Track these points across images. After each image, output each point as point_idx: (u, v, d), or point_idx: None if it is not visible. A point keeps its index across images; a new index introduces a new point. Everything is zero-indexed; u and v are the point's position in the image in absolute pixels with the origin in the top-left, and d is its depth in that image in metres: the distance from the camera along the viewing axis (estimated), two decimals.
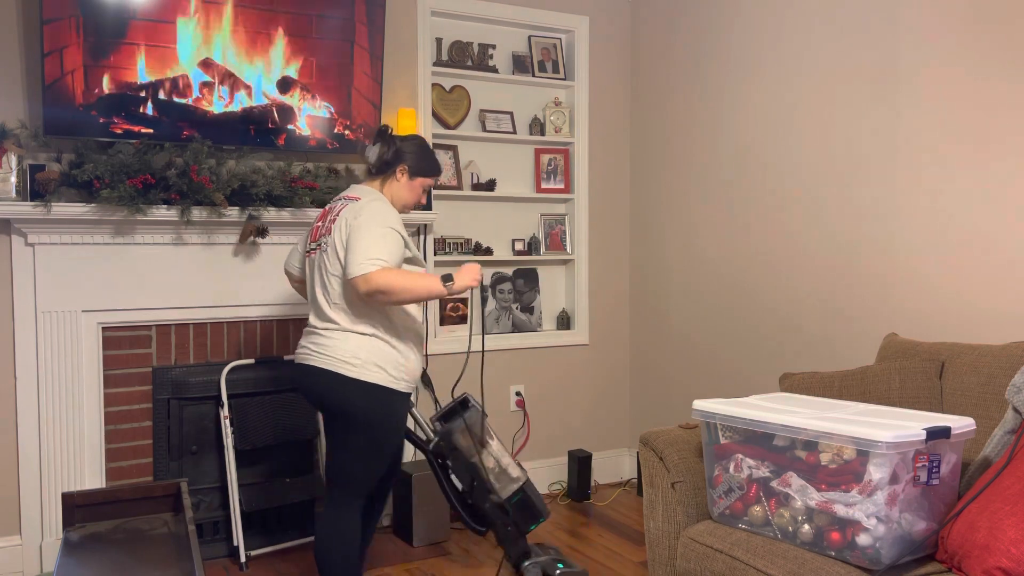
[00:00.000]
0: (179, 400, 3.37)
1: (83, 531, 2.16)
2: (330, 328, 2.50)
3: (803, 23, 3.37)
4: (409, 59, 3.86)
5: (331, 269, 2.50)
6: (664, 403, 4.22)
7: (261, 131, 3.39)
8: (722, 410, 2.24)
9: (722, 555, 2.17)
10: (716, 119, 3.82)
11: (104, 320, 3.22)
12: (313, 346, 2.52)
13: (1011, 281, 2.67)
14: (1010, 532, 1.80)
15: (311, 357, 2.52)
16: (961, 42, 2.79)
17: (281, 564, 3.32)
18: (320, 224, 2.62)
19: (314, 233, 2.64)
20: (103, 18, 3.06)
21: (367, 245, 2.38)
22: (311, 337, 2.55)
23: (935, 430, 1.93)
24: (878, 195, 3.08)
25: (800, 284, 3.41)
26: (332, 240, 2.50)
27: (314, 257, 2.59)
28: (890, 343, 2.74)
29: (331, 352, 2.48)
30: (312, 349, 2.52)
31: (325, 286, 2.52)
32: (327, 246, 2.52)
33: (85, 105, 3.06)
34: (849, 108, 3.18)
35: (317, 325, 2.54)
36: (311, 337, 2.55)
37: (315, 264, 2.58)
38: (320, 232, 2.59)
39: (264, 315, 3.50)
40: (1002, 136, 2.69)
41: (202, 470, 3.42)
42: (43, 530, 3.14)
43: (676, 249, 4.09)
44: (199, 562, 1.86)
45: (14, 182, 2.99)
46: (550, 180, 4.29)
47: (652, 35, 4.24)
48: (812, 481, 2.02)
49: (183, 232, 3.29)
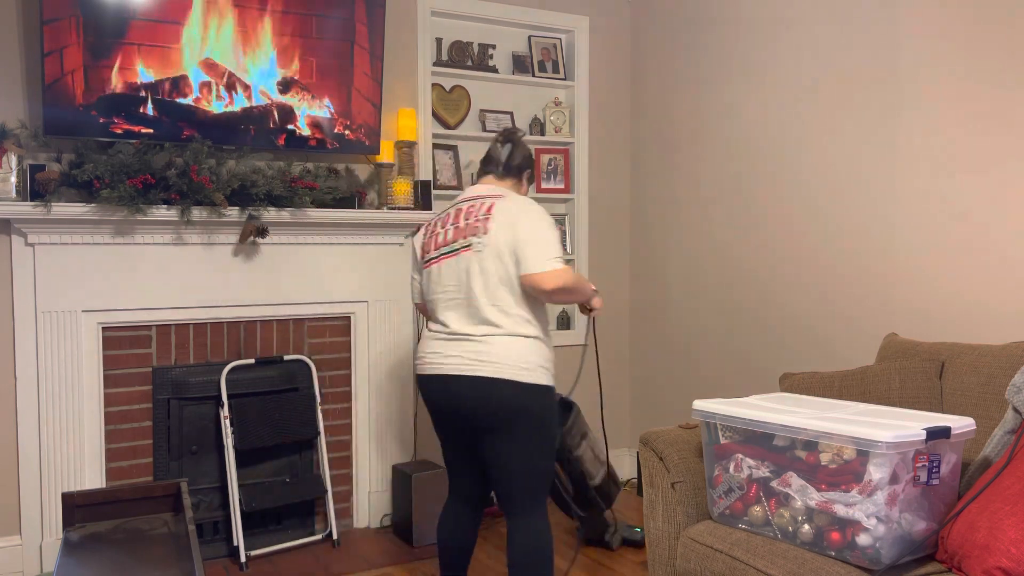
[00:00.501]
0: (179, 400, 3.37)
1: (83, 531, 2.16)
2: (491, 334, 2.39)
3: (803, 23, 3.37)
4: (409, 59, 3.86)
5: (494, 270, 2.39)
6: (664, 403, 4.22)
7: (261, 131, 3.40)
8: (722, 410, 2.24)
9: (722, 555, 2.17)
10: (716, 119, 3.82)
11: (104, 320, 3.22)
12: (473, 355, 2.38)
13: (1011, 281, 2.67)
14: (1010, 532, 1.80)
15: (474, 367, 2.37)
16: (962, 43, 2.79)
17: (281, 564, 3.32)
18: (454, 226, 2.47)
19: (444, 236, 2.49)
20: (103, 18, 3.06)
21: (548, 242, 2.38)
22: (464, 345, 2.40)
23: (935, 430, 1.93)
24: (878, 195, 3.08)
25: (800, 284, 3.41)
26: (494, 240, 2.39)
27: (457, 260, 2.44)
28: (890, 343, 2.74)
29: (501, 359, 2.36)
30: (473, 358, 2.38)
31: (483, 289, 2.39)
32: (483, 247, 2.40)
33: (85, 105, 3.06)
34: (849, 108, 3.18)
35: (471, 332, 2.40)
36: (464, 345, 2.40)
37: (461, 268, 2.43)
38: (462, 233, 2.45)
39: (264, 315, 3.50)
40: (1002, 136, 2.69)
41: (202, 470, 3.42)
42: (43, 530, 3.14)
43: (676, 249, 4.09)
44: (199, 562, 1.86)
45: (14, 182, 2.99)
46: (550, 180, 4.29)
47: (652, 35, 4.24)
48: (812, 481, 2.02)
49: (183, 232, 3.29)
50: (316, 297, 3.58)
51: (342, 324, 3.68)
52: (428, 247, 2.55)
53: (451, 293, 2.46)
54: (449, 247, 2.48)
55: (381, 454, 3.74)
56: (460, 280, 2.44)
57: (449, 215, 2.53)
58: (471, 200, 2.51)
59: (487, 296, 2.39)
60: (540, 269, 2.35)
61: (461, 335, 2.43)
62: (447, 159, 4.02)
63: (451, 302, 2.45)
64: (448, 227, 2.50)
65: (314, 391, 3.56)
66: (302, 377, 3.57)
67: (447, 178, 4.00)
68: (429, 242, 2.55)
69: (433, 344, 2.49)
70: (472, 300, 2.41)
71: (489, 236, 2.40)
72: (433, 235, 2.54)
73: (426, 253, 2.55)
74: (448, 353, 2.43)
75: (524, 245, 2.37)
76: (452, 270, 2.46)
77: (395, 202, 3.63)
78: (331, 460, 3.64)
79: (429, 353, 2.49)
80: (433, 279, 2.50)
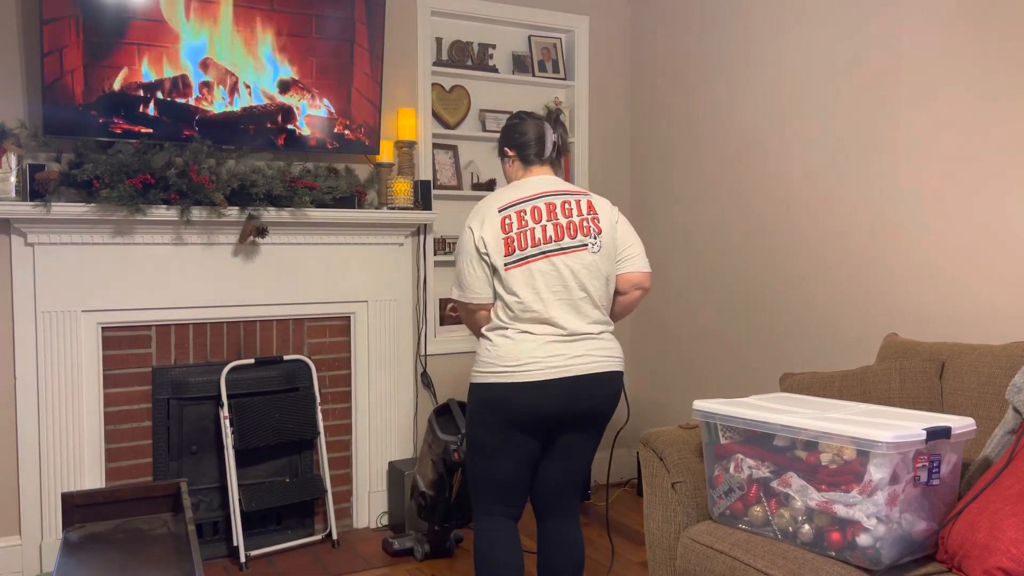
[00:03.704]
0: (179, 400, 3.37)
1: (83, 531, 2.16)
2: (604, 331, 2.43)
3: (803, 22, 3.36)
4: (409, 59, 3.86)
5: (604, 269, 2.41)
6: (664, 403, 4.22)
7: (261, 131, 3.39)
8: (722, 410, 2.23)
9: (722, 555, 2.17)
10: (716, 119, 3.82)
11: (104, 320, 3.22)
12: (602, 351, 2.38)
13: (1011, 281, 2.67)
14: (1010, 532, 1.80)
15: (605, 363, 2.38)
16: (963, 42, 2.79)
17: (281, 564, 3.32)
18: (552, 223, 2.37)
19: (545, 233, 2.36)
20: (103, 18, 3.05)
21: (641, 244, 2.51)
22: (588, 343, 2.37)
23: (935, 430, 1.93)
24: (878, 195, 3.08)
25: (800, 284, 3.41)
26: (606, 240, 2.41)
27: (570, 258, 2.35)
28: (890, 343, 2.74)
29: (617, 353, 2.44)
30: (603, 355, 2.38)
31: (595, 287, 2.39)
32: (599, 247, 2.39)
33: (85, 105, 3.06)
34: (849, 108, 3.18)
35: (590, 330, 2.38)
36: (588, 343, 2.37)
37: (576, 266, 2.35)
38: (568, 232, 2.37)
39: (264, 315, 3.50)
40: (1002, 136, 2.68)
41: (202, 470, 3.42)
42: (43, 530, 3.14)
43: (676, 249, 4.09)
44: (199, 562, 1.86)
45: (14, 182, 2.99)
46: None
47: (652, 35, 4.24)
48: (812, 481, 2.02)
49: (183, 232, 3.29)
50: (316, 297, 3.57)
51: (342, 324, 3.67)
52: (519, 243, 2.35)
53: (560, 293, 2.34)
54: (555, 245, 2.35)
55: (381, 454, 3.74)
56: (573, 281, 2.35)
57: (538, 208, 2.38)
58: (558, 194, 2.41)
59: (599, 295, 2.41)
60: (645, 269, 2.50)
61: (580, 334, 2.36)
62: (447, 159, 4.02)
63: (560, 302, 2.34)
64: (545, 223, 2.36)
65: (314, 391, 3.56)
66: (302, 377, 3.57)
67: (447, 178, 4.00)
68: (520, 237, 2.35)
69: (547, 348, 2.32)
70: (585, 299, 2.37)
71: (603, 236, 2.42)
72: (523, 230, 2.35)
73: (515, 250, 2.35)
74: (573, 354, 2.33)
75: (630, 244, 2.48)
76: (562, 270, 2.35)
77: (395, 202, 3.63)
78: (331, 460, 3.64)
79: (548, 357, 2.31)
80: (537, 277, 2.34)
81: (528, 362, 2.31)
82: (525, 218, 2.37)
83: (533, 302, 2.33)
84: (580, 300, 2.36)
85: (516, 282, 2.34)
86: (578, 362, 2.34)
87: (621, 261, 2.46)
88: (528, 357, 2.31)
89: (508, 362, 2.32)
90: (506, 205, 2.39)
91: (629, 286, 2.48)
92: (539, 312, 2.33)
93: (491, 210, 2.39)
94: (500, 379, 2.33)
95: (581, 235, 2.37)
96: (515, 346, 2.33)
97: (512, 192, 2.43)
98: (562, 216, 2.38)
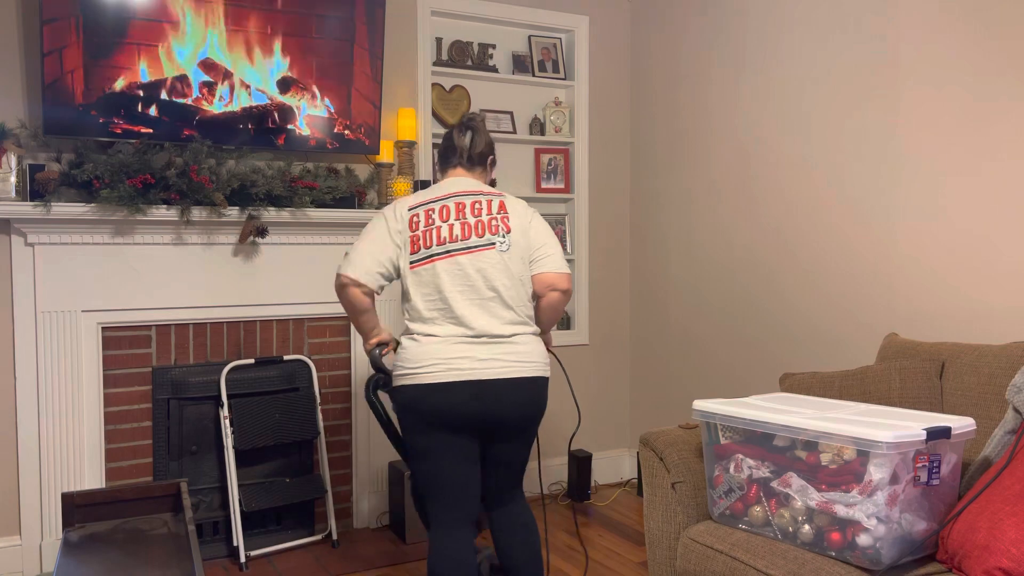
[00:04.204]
0: (179, 400, 3.37)
1: (83, 531, 2.16)
2: (519, 334, 2.38)
3: (803, 22, 3.36)
4: (409, 59, 3.86)
5: (515, 270, 2.38)
6: (664, 403, 4.22)
7: (261, 131, 3.39)
8: (722, 410, 2.24)
9: (722, 555, 2.17)
10: (716, 119, 3.82)
11: (104, 320, 3.22)
12: (512, 356, 2.34)
13: (1011, 281, 2.67)
14: (1010, 532, 1.80)
15: (515, 368, 2.33)
16: (963, 42, 2.79)
17: (281, 564, 3.32)
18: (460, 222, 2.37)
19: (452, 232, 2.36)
20: (103, 18, 3.05)
21: (558, 245, 2.48)
22: (498, 347, 2.33)
23: (935, 430, 1.93)
24: (878, 195, 3.08)
25: (800, 284, 3.41)
26: (516, 240, 2.38)
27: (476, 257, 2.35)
28: (890, 343, 2.74)
29: (533, 357, 2.38)
30: (512, 360, 2.33)
31: (505, 287, 2.36)
32: (506, 246, 2.37)
33: (85, 105, 3.06)
34: (850, 108, 3.18)
35: (501, 332, 2.34)
36: (498, 347, 2.33)
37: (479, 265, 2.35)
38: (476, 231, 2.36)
39: (264, 315, 3.50)
40: (1002, 136, 2.68)
41: (202, 470, 3.42)
42: (43, 530, 3.14)
43: (676, 249, 4.09)
44: (199, 562, 1.86)
45: (14, 182, 2.99)
46: (550, 180, 4.29)
47: (652, 35, 4.24)
48: (812, 481, 2.02)
49: (183, 232, 3.29)
50: (316, 297, 3.57)
51: (342, 324, 3.67)
52: (424, 241, 2.35)
53: (467, 292, 2.33)
54: (461, 244, 2.35)
55: (381, 454, 3.74)
56: (480, 280, 2.34)
57: (447, 207, 2.38)
58: (470, 194, 2.41)
59: (512, 296, 2.37)
60: (560, 268, 2.44)
61: (490, 337, 2.33)
62: None
63: (468, 302, 2.33)
64: (452, 222, 2.36)
65: (314, 391, 3.56)
66: (302, 377, 3.57)
67: None
68: (426, 235, 2.36)
69: (455, 348, 2.30)
70: (496, 300, 2.35)
71: (512, 236, 2.39)
72: (430, 228, 2.36)
73: (420, 248, 2.36)
74: (480, 356, 2.30)
75: (543, 245, 2.43)
76: (469, 269, 2.34)
77: None
78: (331, 460, 3.64)
79: (453, 358, 2.30)
80: (443, 276, 2.33)
81: (432, 363, 2.30)
82: (432, 217, 2.37)
83: (438, 301, 2.34)
84: (489, 300, 2.34)
85: (421, 281, 2.35)
86: (483, 366, 2.30)
87: (535, 262, 2.43)
88: (432, 359, 2.30)
89: (414, 364, 2.32)
90: (416, 204, 2.41)
91: (543, 287, 2.43)
92: (444, 312, 2.33)
93: (403, 208, 2.42)
94: (408, 381, 2.33)
95: (489, 234, 2.37)
96: (420, 348, 2.33)
97: (425, 193, 2.46)
98: (471, 215, 2.38)
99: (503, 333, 2.34)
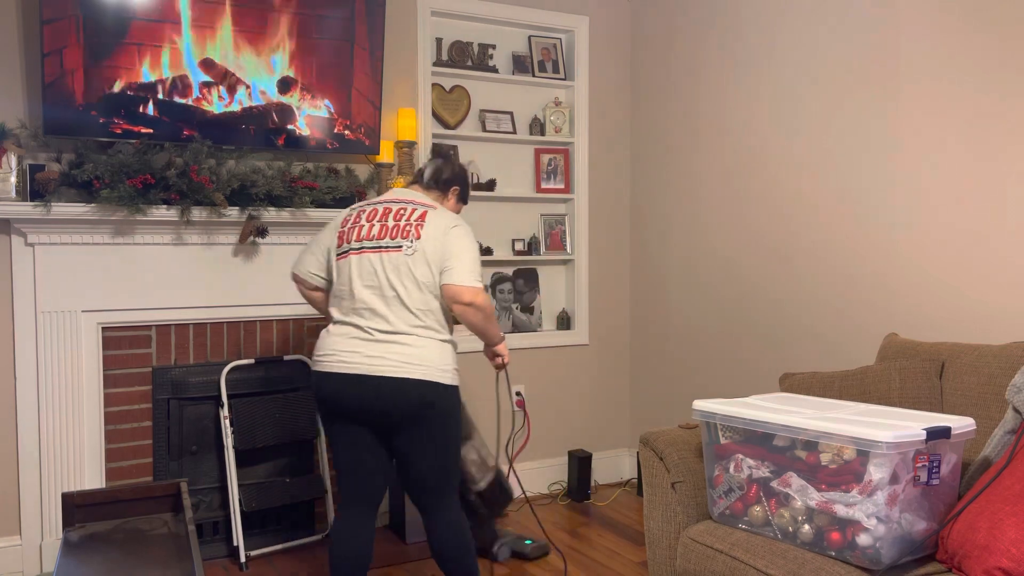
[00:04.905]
0: (179, 400, 3.37)
1: (83, 531, 2.16)
2: (411, 335, 2.43)
3: (803, 23, 3.37)
4: (409, 59, 3.86)
5: (418, 275, 2.44)
6: (664, 403, 4.22)
7: (261, 131, 3.40)
8: (722, 410, 2.24)
9: (722, 555, 2.17)
10: (716, 119, 3.82)
11: (104, 320, 3.22)
12: (399, 356, 2.40)
13: (1011, 281, 2.67)
14: (1010, 532, 1.80)
15: (399, 368, 2.39)
16: (961, 42, 2.79)
17: (281, 564, 3.32)
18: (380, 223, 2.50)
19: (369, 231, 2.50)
20: (103, 18, 3.06)
21: (473, 260, 2.49)
22: (387, 346, 2.41)
23: (935, 430, 1.93)
24: (878, 195, 3.08)
25: (800, 284, 3.41)
26: (422, 247, 2.44)
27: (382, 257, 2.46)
28: (890, 343, 2.74)
29: (423, 360, 2.41)
30: (399, 360, 2.40)
31: (406, 291, 2.43)
32: (412, 251, 2.44)
33: (85, 105, 3.06)
34: (850, 107, 3.18)
35: (393, 332, 2.43)
36: (387, 346, 2.41)
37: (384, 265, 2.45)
38: (388, 232, 2.48)
39: (264, 315, 3.50)
40: (1002, 136, 2.69)
41: (202, 470, 3.42)
42: (43, 530, 3.14)
43: (676, 249, 4.09)
44: (199, 562, 1.86)
45: (14, 182, 2.99)
46: (550, 180, 4.29)
47: (652, 35, 4.24)
48: (812, 481, 2.02)
49: (183, 232, 3.29)
50: None
51: None
52: (348, 237, 2.53)
53: (374, 289, 2.45)
54: (374, 243, 2.49)
55: None
56: (383, 279, 2.45)
57: (376, 210, 2.54)
58: (401, 202, 2.55)
59: (411, 299, 2.44)
60: (462, 282, 2.44)
61: (382, 334, 2.43)
62: None
63: (374, 297, 2.45)
64: (374, 223, 2.51)
65: None
66: (302, 377, 3.57)
67: None
68: (350, 231, 2.53)
69: (349, 343, 2.45)
70: (396, 300, 2.44)
71: (421, 242, 2.46)
72: (355, 226, 2.53)
73: (343, 243, 2.53)
74: (369, 353, 2.42)
75: (452, 257, 2.45)
76: (375, 267, 2.47)
77: None
78: (331, 460, 3.63)
79: (345, 351, 2.44)
80: (353, 271, 2.48)
81: (328, 353, 2.47)
82: (361, 217, 2.55)
83: (348, 294, 2.49)
84: (391, 299, 2.44)
85: (339, 272, 2.54)
86: (369, 362, 2.41)
87: (442, 273, 2.46)
88: (329, 349, 2.47)
89: (318, 353, 2.52)
90: (358, 205, 2.61)
91: (448, 299, 2.46)
92: (351, 305, 2.48)
93: (349, 209, 2.63)
94: (313, 368, 2.53)
95: (400, 237, 2.48)
96: (327, 338, 2.51)
97: (374, 198, 2.64)
98: (391, 219, 2.51)
99: (397, 331, 2.43)
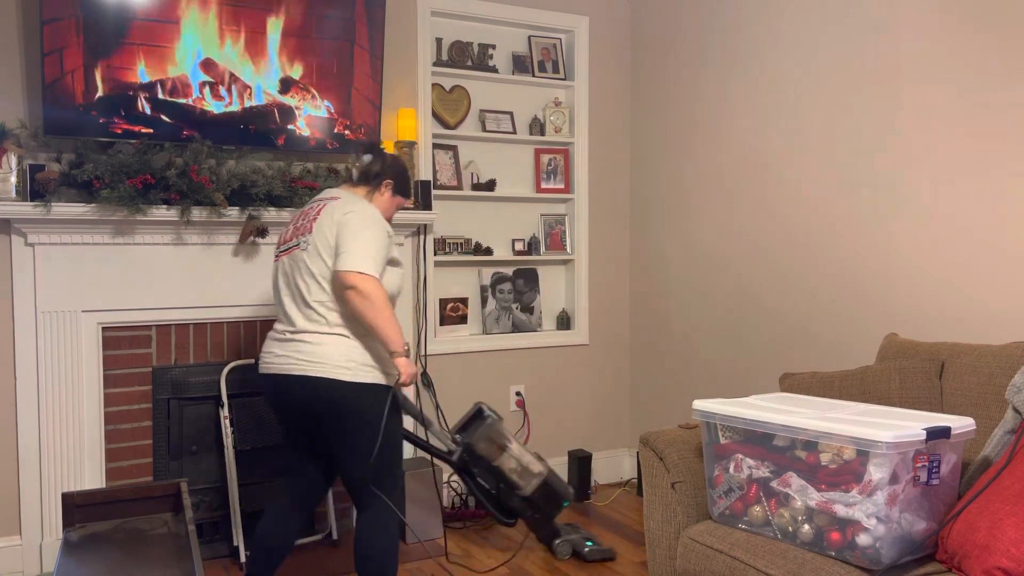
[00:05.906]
0: (179, 400, 3.37)
1: (83, 531, 2.16)
2: (312, 333, 2.44)
3: (804, 23, 3.37)
4: (409, 59, 3.86)
5: (314, 269, 2.45)
6: (664, 403, 4.22)
7: (261, 131, 3.40)
8: (722, 410, 2.24)
9: (722, 555, 2.17)
10: (716, 119, 3.82)
11: (104, 320, 3.22)
12: (299, 354, 2.44)
13: (1011, 281, 2.67)
14: (1010, 532, 1.80)
15: (302, 366, 2.43)
16: (961, 43, 2.79)
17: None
18: (294, 226, 2.58)
19: (287, 234, 2.59)
20: (103, 18, 3.06)
21: (366, 244, 2.41)
22: (292, 345, 2.46)
23: (935, 430, 1.93)
24: (878, 195, 3.08)
25: (800, 284, 3.41)
26: (314, 239, 2.46)
27: (290, 257, 2.53)
28: (890, 343, 2.74)
29: (323, 358, 2.41)
30: (300, 358, 2.43)
31: (307, 287, 2.46)
32: (307, 245, 2.47)
33: (85, 105, 3.06)
34: (850, 108, 3.18)
35: (298, 331, 2.47)
36: (292, 345, 2.46)
37: (291, 265, 2.52)
38: (296, 232, 2.54)
39: (265, 315, 3.50)
40: (1002, 136, 2.69)
41: (202, 470, 3.42)
42: (43, 530, 3.14)
43: (676, 249, 4.09)
44: (199, 562, 1.86)
45: (14, 182, 2.99)
46: (550, 180, 4.29)
47: (652, 35, 4.24)
48: (812, 481, 2.02)
49: (183, 232, 3.29)
50: None
51: None
52: (278, 242, 2.64)
53: (284, 290, 2.54)
54: (286, 245, 2.57)
55: None
56: (290, 278, 2.52)
57: (298, 214, 2.62)
58: (318, 201, 2.60)
59: (311, 295, 2.46)
60: (344, 266, 2.38)
61: (290, 333, 2.49)
62: (447, 159, 4.02)
63: (287, 298, 2.52)
64: (291, 226, 2.60)
65: None
66: None
67: (447, 178, 4.00)
68: (281, 236, 2.64)
69: (268, 343, 2.56)
70: (299, 298, 2.48)
71: (313, 235, 2.48)
72: (285, 230, 2.63)
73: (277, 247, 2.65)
74: (278, 352, 2.50)
75: (342, 243, 2.42)
76: (286, 268, 2.54)
77: None
78: None
79: (264, 352, 2.56)
80: (277, 275, 2.59)
81: (260, 355, 2.59)
82: (289, 223, 2.64)
83: (274, 296, 2.60)
84: (296, 297, 2.50)
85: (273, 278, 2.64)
86: (278, 361, 2.49)
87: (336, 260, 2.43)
88: (263, 351, 2.59)
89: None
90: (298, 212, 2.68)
91: (338, 287, 2.41)
92: (277, 306, 2.58)
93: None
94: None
95: (299, 235, 2.54)
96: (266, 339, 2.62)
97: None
98: (301, 220, 2.58)
99: (300, 329, 2.47)
